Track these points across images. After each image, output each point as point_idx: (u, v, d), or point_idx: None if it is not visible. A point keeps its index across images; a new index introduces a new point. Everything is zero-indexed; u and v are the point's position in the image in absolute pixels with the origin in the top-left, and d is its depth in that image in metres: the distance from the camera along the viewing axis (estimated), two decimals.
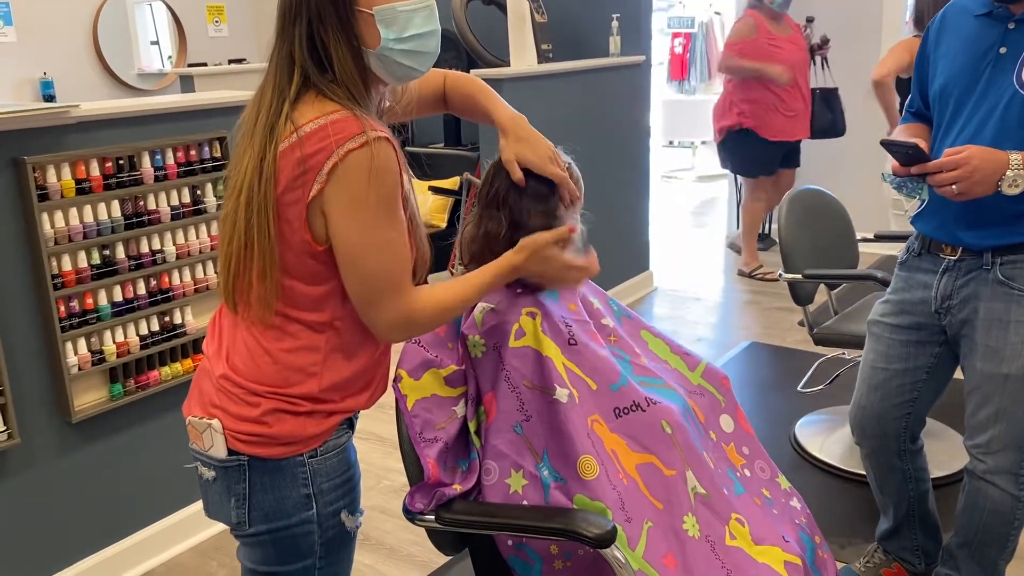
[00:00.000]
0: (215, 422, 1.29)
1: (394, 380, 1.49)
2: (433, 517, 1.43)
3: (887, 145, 1.80)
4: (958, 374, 1.99)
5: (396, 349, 1.44)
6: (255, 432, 1.27)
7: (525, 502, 1.44)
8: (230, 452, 1.28)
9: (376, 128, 1.21)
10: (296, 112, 1.22)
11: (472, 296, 1.37)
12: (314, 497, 1.30)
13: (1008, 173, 1.67)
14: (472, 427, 1.50)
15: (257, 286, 1.25)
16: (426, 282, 1.36)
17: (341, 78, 1.24)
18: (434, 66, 1.38)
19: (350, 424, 1.37)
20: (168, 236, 2.39)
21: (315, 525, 1.31)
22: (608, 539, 1.31)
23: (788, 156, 4.84)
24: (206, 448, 1.31)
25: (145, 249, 2.34)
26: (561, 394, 1.43)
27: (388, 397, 1.46)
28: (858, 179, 5.25)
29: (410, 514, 1.44)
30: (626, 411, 1.46)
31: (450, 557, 2.38)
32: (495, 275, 1.38)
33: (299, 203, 1.21)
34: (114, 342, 2.30)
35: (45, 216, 2.11)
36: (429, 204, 4.62)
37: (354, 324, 1.30)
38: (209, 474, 1.33)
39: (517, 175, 1.46)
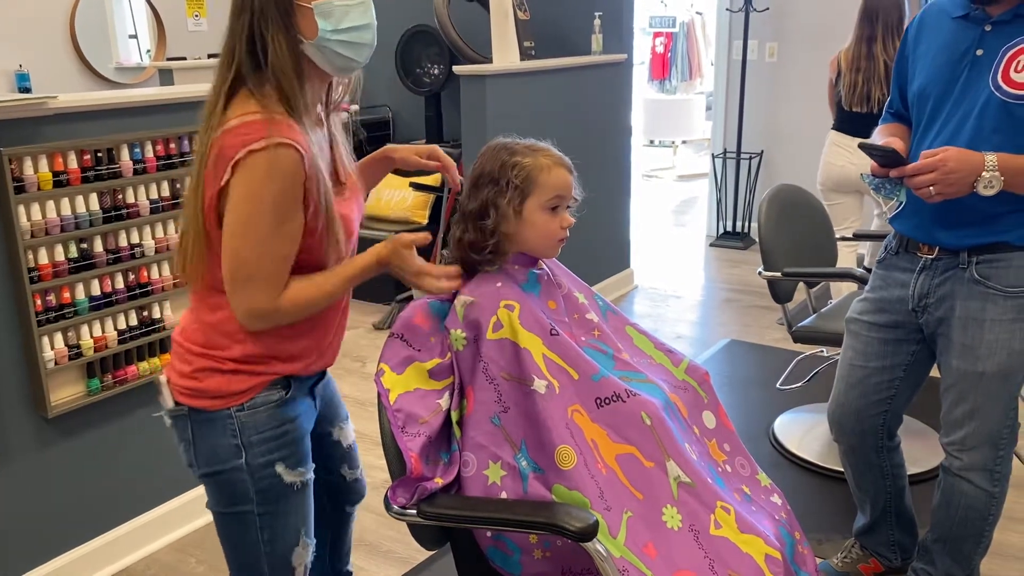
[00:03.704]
0: (163, 377, 1.48)
1: (376, 374, 1.49)
2: (415, 512, 1.43)
3: (866, 148, 1.82)
4: (934, 372, 2.01)
5: (378, 341, 1.43)
6: (189, 386, 1.44)
7: (504, 493, 1.44)
8: (175, 404, 1.46)
9: (285, 134, 1.31)
10: (228, 108, 1.35)
11: (338, 289, 1.44)
12: (243, 447, 1.43)
13: (984, 174, 1.69)
14: (455, 417, 1.50)
15: (196, 263, 1.40)
16: None
17: (274, 71, 1.34)
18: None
19: (286, 384, 1.47)
20: (147, 230, 2.37)
21: (246, 473, 1.44)
22: (590, 532, 1.32)
23: None
24: (162, 401, 1.49)
25: (123, 243, 2.32)
26: (539, 385, 1.44)
27: (368, 394, 1.46)
28: None
29: (392, 509, 1.44)
30: (607, 401, 1.47)
31: (431, 553, 2.38)
32: (362, 267, 1.45)
33: (213, 190, 1.34)
34: (91, 336, 2.27)
35: (21, 208, 2.09)
36: (410, 200, 4.61)
37: None
38: (167, 423, 1.51)
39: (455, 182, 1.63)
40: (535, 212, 1.52)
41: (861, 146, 1.83)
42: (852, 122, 3.60)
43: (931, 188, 1.72)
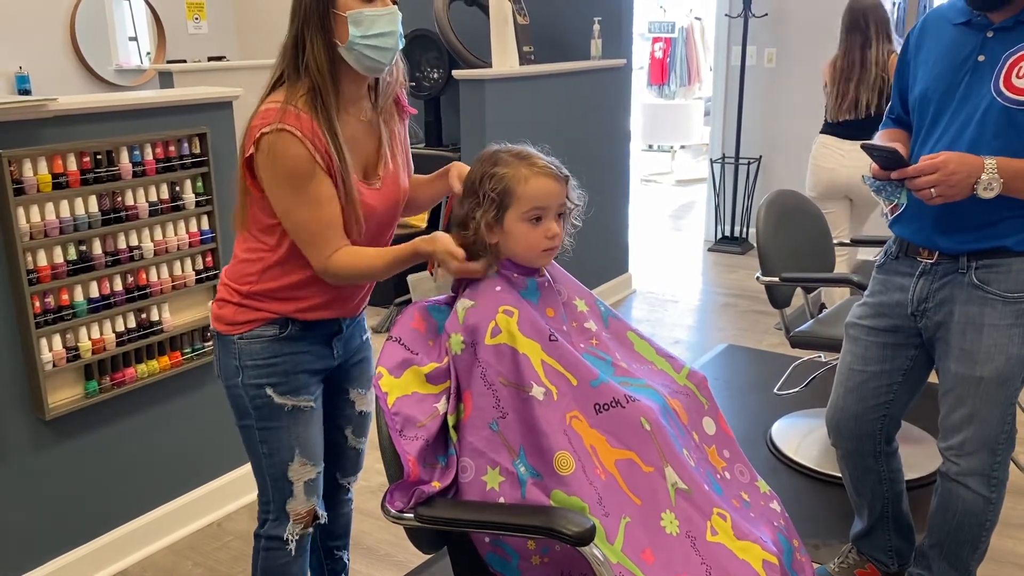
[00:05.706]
0: (210, 303, 1.78)
1: (374, 378, 1.49)
2: (413, 516, 1.43)
3: (868, 149, 1.82)
4: (933, 378, 2.02)
5: (377, 344, 1.43)
6: (214, 311, 1.74)
7: (502, 499, 1.44)
8: (211, 325, 1.76)
9: (289, 122, 1.52)
10: (270, 96, 1.60)
11: (376, 266, 1.61)
12: (241, 369, 1.70)
13: (983, 176, 1.70)
14: (451, 421, 1.50)
15: (240, 210, 1.67)
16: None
17: (308, 69, 1.57)
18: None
19: (284, 324, 1.69)
20: (146, 232, 2.37)
21: (242, 390, 1.70)
22: (587, 537, 1.31)
23: None
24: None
25: (122, 245, 2.31)
26: (537, 391, 1.43)
27: None
28: None
29: (390, 513, 1.44)
30: (606, 407, 1.46)
31: (428, 557, 2.38)
32: (404, 254, 1.59)
33: (244, 157, 1.59)
34: (89, 339, 2.27)
35: (20, 210, 2.09)
36: None
37: (289, 253, 1.64)
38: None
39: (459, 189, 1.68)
40: (515, 224, 1.52)
41: (863, 147, 1.83)
42: (838, 124, 3.69)
43: (932, 190, 1.72)
